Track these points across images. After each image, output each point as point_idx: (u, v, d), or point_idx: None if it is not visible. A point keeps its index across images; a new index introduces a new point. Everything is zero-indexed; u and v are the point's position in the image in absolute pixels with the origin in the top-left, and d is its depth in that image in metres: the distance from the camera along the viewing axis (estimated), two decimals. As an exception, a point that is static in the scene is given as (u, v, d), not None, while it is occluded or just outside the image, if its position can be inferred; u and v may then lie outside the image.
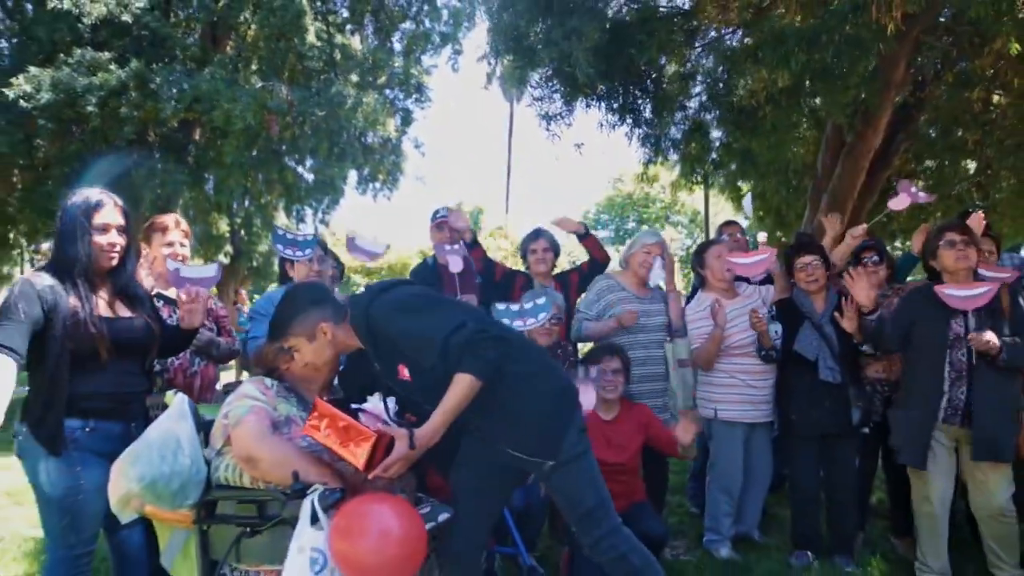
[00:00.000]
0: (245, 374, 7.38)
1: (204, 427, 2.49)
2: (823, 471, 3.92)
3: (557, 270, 4.60)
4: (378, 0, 11.13)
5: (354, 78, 10.62)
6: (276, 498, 2.23)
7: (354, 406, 2.34)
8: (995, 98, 7.35)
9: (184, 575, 2.53)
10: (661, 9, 5.69)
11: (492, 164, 79.74)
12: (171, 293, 3.30)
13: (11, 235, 12.03)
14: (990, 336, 3.24)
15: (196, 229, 10.79)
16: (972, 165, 9.32)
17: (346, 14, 11.12)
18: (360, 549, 2.02)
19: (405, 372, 2.39)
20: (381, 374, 2.48)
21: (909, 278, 4.74)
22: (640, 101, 5.59)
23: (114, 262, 2.68)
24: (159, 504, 2.30)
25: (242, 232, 12.68)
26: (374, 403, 2.38)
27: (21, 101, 8.48)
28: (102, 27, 9.16)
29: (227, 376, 10.27)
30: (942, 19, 5.66)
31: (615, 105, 5.47)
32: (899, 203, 3.97)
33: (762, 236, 4.13)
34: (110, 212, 2.67)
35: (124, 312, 2.71)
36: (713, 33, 5.65)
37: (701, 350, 3.88)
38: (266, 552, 2.28)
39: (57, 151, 9.42)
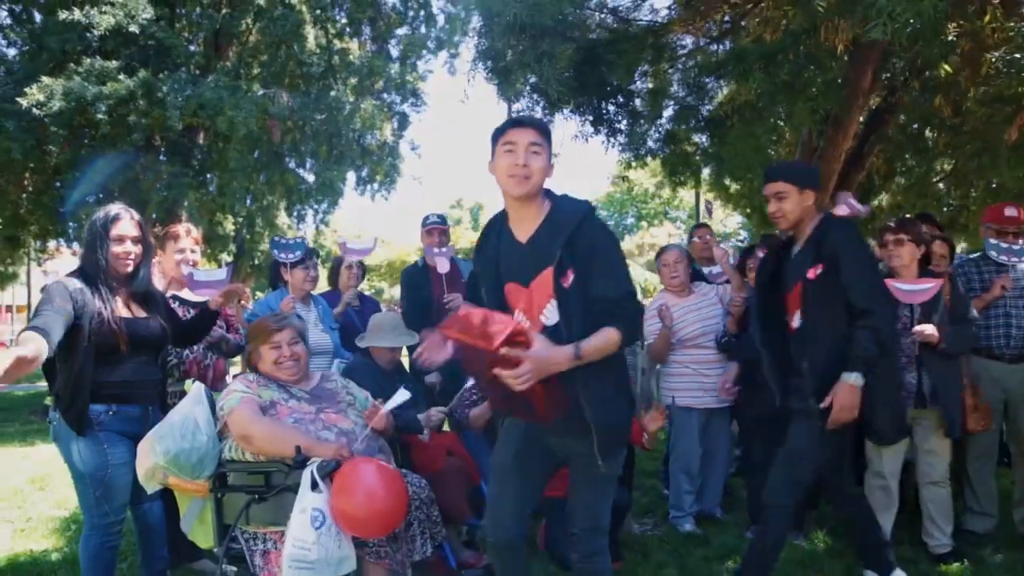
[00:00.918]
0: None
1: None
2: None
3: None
4: (375, 8, 11.51)
5: (352, 83, 11.00)
6: (280, 469, 2.65)
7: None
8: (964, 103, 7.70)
9: (200, 538, 2.96)
10: (636, 24, 6.05)
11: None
12: (184, 295, 3.69)
13: (21, 236, 12.43)
14: (930, 328, 3.63)
15: (201, 229, 11.18)
16: (948, 166, 9.67)
17: (344, 21, 11.50)
18: (352, 504, 2.43)
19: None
20: (487, 295, 2.49)
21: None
22: (614, 115, 5.99)
23: (129, 269, 3.06)
24: (180, 475, 2.71)
25: (245, 232, 13.08)
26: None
27: (34, 109, 8.87)
28: (110, 37, 9.53)
29: (234, 369, 10.64)
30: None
31: (590, 118, 5.87)
32: (839, 212, 4.33)
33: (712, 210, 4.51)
34: (126, 225, 3.06)
35: (140, 313, 3.10)
36: (682, 51, 6.02)
37: (652, 345, 4.30)
38: (271, 515, 2.69)
39: (68, 156, 9.82)
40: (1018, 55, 4.66)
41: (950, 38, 4.45)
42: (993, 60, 4.89)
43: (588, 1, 6.12)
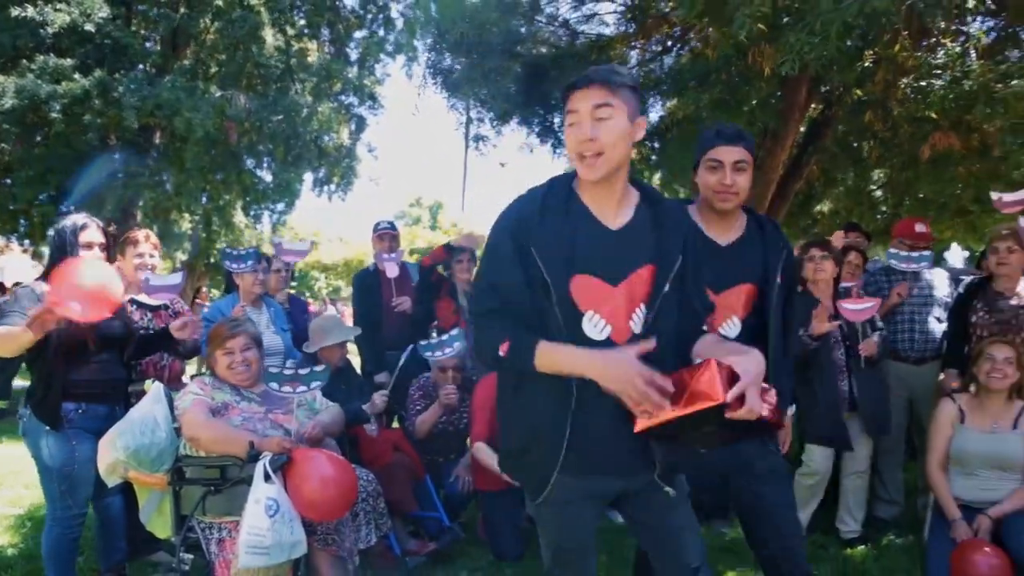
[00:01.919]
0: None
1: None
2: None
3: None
4: (334, 11, 11.62)
5: (310, 85, 11.09)
6: (235, 463, 2.86)
7: None
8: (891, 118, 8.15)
9: (159, 528, 3.16)
10: (583, 38, 6.34)
11: (450, 160, 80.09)
12: (143, 298, 3.86)
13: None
14: (874, 342, 4.07)
15: (157, 228, 11.19)
16: (883, 175, 10.17)
17: (303, 23, 11.57)
18: (308, 489, 2.69)
19: None
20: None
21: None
22: (560, 126, 6.29)
23: None
24: (140, 469, 2.91)
25: (201, 231, 13.08)
26: None
27: (-15, 106, 8.81)
28: (65, 35, 9.49)
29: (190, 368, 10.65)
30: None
31: (537, 129, 6.15)
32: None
33: None
34: (93, 232, 3.27)
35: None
36: (624, 66, 6.32)
37: None
38: (226, 506, 2.91)
39: (20, 154, 9.76)
40: (923, 83, 5.05)
41: (867, 64, 4.82)
42: (903, 86, 5.29)
43: (538, 14, 6.40)
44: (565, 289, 1.83)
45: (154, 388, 3.07)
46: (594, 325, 1.85)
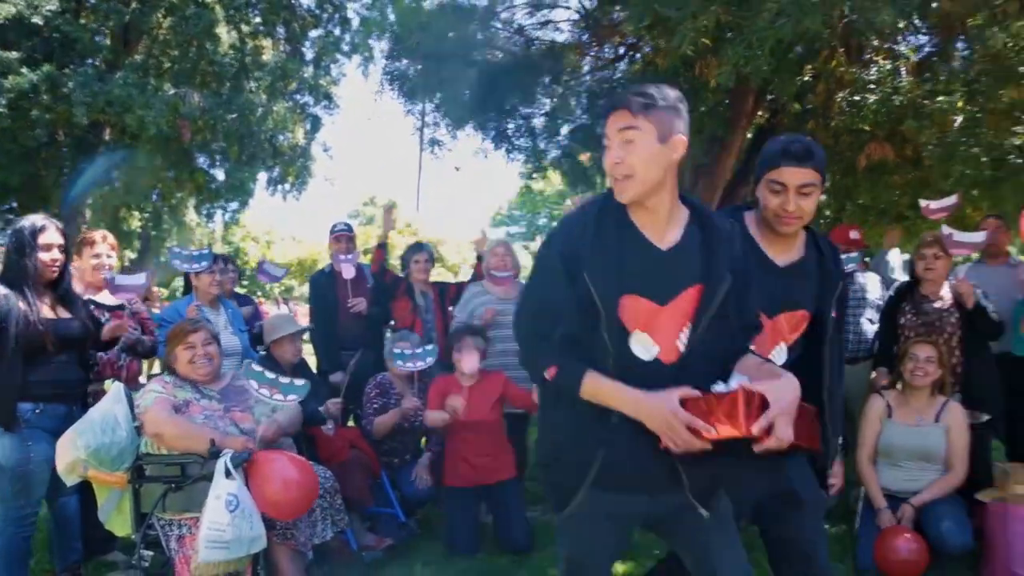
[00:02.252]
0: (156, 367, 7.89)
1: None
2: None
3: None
4: (290, 9, 11.59)
5: (265, 83, 11.05)
6: (196, 460, 2.93)
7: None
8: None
9: (118, 526, 3.20)
10: (539, 43, 6.49)
11: (406, 160, 79.63)
12: (100, 298, 3.88)
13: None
14: None
15: (104, 225, 11.02)
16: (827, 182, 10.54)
17: (259, 20, 11.51)
18: (270, 490, 2.76)
19: None
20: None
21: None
22: (514, 132, 6.44)
23: (55, 274, 3.30)
24: (100, 468, 2.95)
25: (151, 229, 12.92)
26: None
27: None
28: (11, 27, 9.31)
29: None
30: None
31: (492, 134, 6.29)
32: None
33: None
34: (52, 234, 3.30)
35: (64, 314, 3.34)
36: (577, 75, 6.51)
37: None
38: (186, 503, 2.97)
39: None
40: (858, 97, 5.33)
41: (807, 78, 5.07)
42: (839, 99, 5.57)
43: (494, 20, 6.54)
44: (614, 310, 1.81)
45: (114, 387, 3.12)
46: (642, 345, 1.83)
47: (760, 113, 8.35)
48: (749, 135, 8.28)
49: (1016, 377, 4.21)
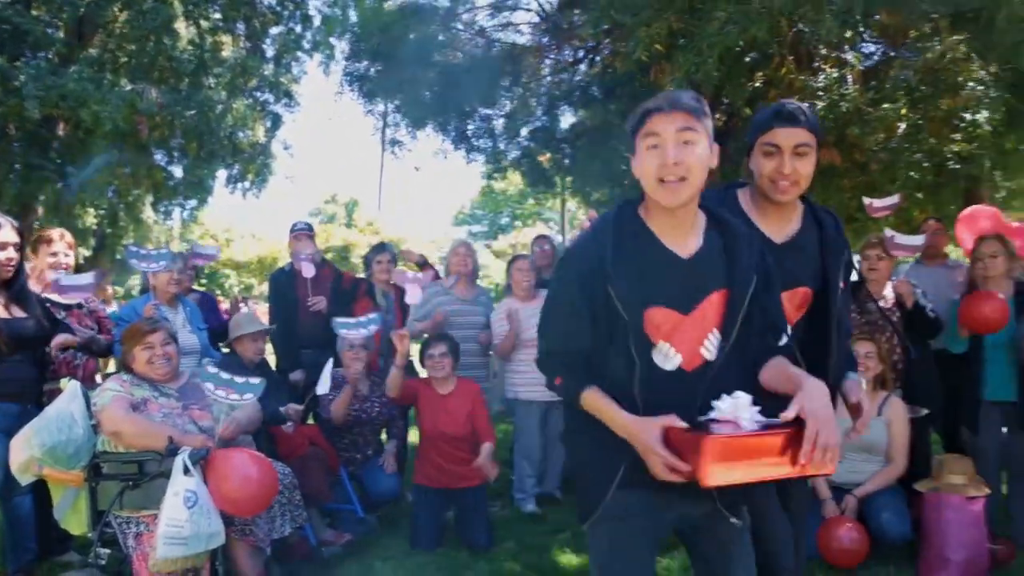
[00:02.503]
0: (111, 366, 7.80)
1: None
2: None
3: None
4: (250, 6, 11.49)
5: (224, 80, 10.94)
6: (154, 458, 2.95)
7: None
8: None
9: (74, 525, 3.20)
10: (500, 45, 6.57)
11: (368, 158, 79.00)
12: (56, 296, 3.86)
13: None
14: None
15: (57, 222, 10.80)
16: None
17: (218, 16, 11.39)
18: (230, 488, 2.79)
19: None
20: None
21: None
22: (474, 133, 6.51)
23: (10, 274, 3.28)
24: (56, 466, 2.96)
25: (107, 226, 12.70)
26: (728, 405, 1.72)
27: None
28: (-41, 19, 9.10)
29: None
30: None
31: (452, 135, 6.36)
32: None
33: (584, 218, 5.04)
34: (7, 232, 3.27)
35: (19, 313, 3.32)
36: (536, 78, 6.62)
37: (500, 346, 4.80)
38: (143, 500, 2.99)
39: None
40: (806, 104, 5.49)
41: (757, 85, 5.23)
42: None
43: (456, 21, 6.60)
44: (639, 323, 1.79)
45: (71, 386, 3.11)
46: (664, 355, 1.81)
47: (717, 116, 8.53)
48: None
49: (953, 373, 4.39)
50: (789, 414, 1.60)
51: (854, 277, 2.32)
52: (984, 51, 4.13)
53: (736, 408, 1.69)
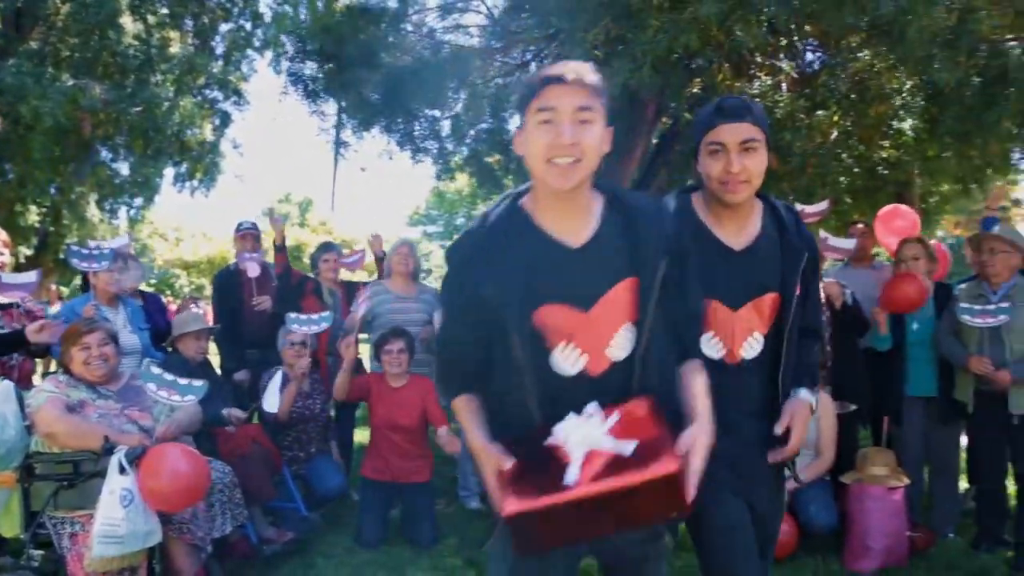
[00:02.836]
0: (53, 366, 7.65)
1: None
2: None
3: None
4: (198, 1, 11.32)
5: (172, 77, 10.76)
6: (90, 457, 2.95)
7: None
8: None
9: (5, 528, 3.19)
10: (448, 47, 6.63)
11: (320, 158, 78.10)
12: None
13: None
14: None
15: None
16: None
17: (166, 11, 11.19)
18: (159, 483, 2.80)
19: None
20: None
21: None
22: (420, 135, 6.56)
23: None
24: (-13, 467, 2.94)
25: (50, 224, 12.38)
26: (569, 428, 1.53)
27: None
28: None
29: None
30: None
31: (398, 136, 6.40)
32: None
33: None
34: None
35: None
36: (481, 80, 6.69)
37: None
38: (78, 500, 2.99)
39: None
40: (748, 97, 5.68)
41: (695, 90, 5.39)
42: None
43: (404, 23, 6.63)
44: (527, 326, 1.60)
45: (3, 386, 3.10)
46: (566, 359, 1.62)
47: (664, 120, 8.70)
48: (655, 141, 8.62)
49: (879, 371, 4.58)
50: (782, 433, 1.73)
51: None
52: (900, 63, 4.33)
53: (568, 432, 1.49)
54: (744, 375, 1.96)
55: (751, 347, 1.97)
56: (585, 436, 1.47)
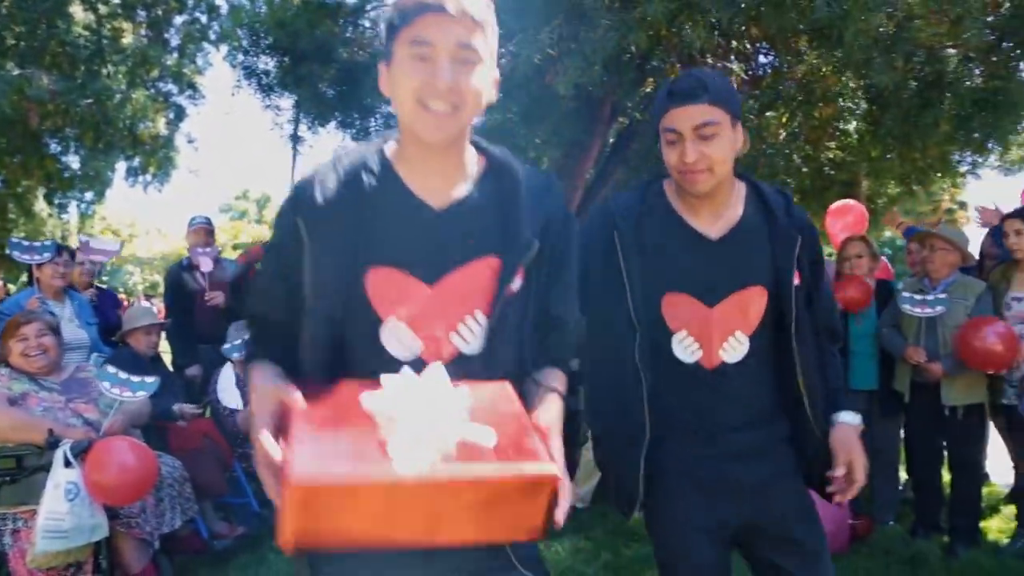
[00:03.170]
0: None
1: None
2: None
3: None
4: (152, -8, 11.11)
5: (124, 69, 10.54)
6: (33, 452, 2.92)
7: None
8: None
9: (-53, 525, 3.11)
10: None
11: (277, 154, 77.22)
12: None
13: None
14: None
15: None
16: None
17: (118, 1, 10.95)
18: (106, 476, 2.79)
19: None
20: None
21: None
22: (375, 130, 6.56)
23: None
24: (-75, 464, 2.89)
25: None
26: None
27: None
28: None
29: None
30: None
31: (353, 131, 6.40)
32: None
33: None
34: None
35: None
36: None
37: None
38: (23, 495, 2.95)
39: None
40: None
41: (648, 90, 5.48)
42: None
43: (361, 18, 6.61)
44: (358, 287, 1.28)
45: (-57, 381, 3.05)
46: (397, 339, 1.29)
47: (621, 119, 8.81)
48: (611, 140, 8.72)
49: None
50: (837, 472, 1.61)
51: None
52: (843, 66, 4.48)
53: (397, 393, 1.09)
54: (725, 381, 1.71)
55: (733, 349, 1.72)
56: (428, 407, 1.07)
